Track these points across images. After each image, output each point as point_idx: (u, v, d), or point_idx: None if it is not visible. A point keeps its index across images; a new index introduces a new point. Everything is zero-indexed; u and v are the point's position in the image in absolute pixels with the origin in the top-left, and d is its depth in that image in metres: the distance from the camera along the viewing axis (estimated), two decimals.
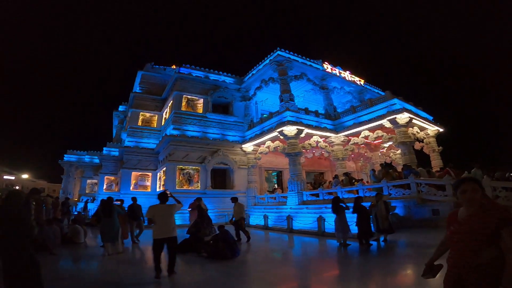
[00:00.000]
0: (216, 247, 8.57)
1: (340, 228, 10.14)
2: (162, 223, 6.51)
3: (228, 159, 22.10)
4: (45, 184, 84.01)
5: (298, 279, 6.51)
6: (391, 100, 18.15)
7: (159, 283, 6.00)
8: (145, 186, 24.23)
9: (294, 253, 10.08)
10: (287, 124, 18.41)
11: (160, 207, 6.70)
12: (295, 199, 17.78)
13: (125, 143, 25.40)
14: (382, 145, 22.88)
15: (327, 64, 24.45)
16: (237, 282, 6.23)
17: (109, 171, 28.18)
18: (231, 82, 25.44)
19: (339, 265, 7.91)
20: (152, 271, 6.37)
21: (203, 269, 7.34)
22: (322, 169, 26.37)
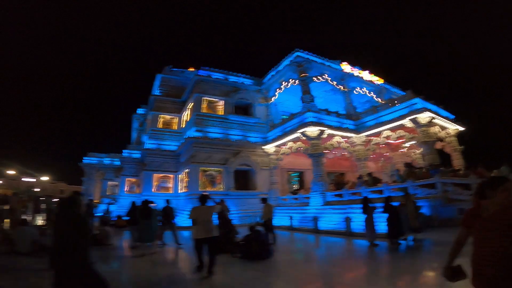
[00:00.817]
0: (249, 248, 8.75)
1: (370, 228, 10.38)
2: (202, 224, 6.81)
3: (250, 160, 22.42)
4: (65, 186, 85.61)
5: (333, 277, 6.65)
6: (412, 100, 18.22)
7: (200, 282, 6.22)
8: (166, 187, 24.70)
9: (325, 253, 10.25)
10: (309, 125, 18.70)
11: (201, 208, 7.02)
12: (319, 200, 17.98)
13: (146, 145, 25.93)
14: (402, 145, 22.87)
15: (346, 64, 24.67)
16: (277, 281, 6.47)
17: (130, 173, 28.74)
18: (251, 84, 25.85)
19: (372, 264, 8.06)
20: (189, 271, 6.95)
21: (240, 269, 7.51)
22: (342, 170, 26.56)
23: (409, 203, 10.79)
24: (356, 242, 11.26)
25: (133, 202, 11.79)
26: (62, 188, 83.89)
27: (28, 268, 7.21)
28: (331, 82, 23.33)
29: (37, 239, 8.72)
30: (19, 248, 8.37)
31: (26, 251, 8.30)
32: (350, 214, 13.88)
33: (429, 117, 17.58)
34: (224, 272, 6.94)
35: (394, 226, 10.11)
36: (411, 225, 10.33)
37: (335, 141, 20.73)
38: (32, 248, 8.40)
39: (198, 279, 6.37)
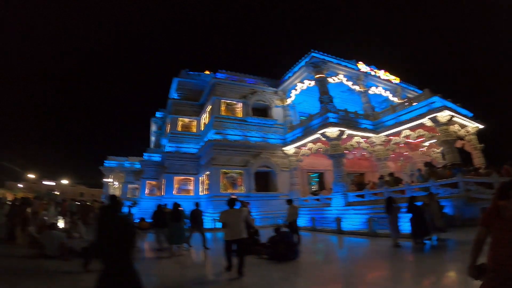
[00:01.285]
0: (276, 249, 8.94)
1: (394, 228, 10.59)
2: (233, 226, 7.15)
3: (271, 162, 22.67)
4: (84, 189, 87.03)
5: (359, 278, 6.82)
6: (430, 98, 18.29)
7: (230, 283, 6.47)
8: (187, 190, 25.12)
9: (350, 254, 10.44)
10: (329, 126, 18.89)
11: (230, 211, 7.37)
12: (341, 201, 18.16)
13: (166, 149, 26.43)
14: (422, 144, 22.92)
15: (361, 63, 24.83)
16: (306, 282, 6.75)
17: (150, 176, 29.26)
18: (268, 86, 26.20)
19: (397, 264, 8.25)
20: (217, 272, 7.25)
21: (268, 270, 7.77)
22: (362, 170, 26.67)
23: (433, 203, 10.98)
24: (380, 243, 11.39)
25: (159, 205, 12.10)
26: (82, 191, 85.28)
27: (60, 270, 7.44)
28: (347, 82, 23.53)
29: (65, 243, 8.88)
30: (47, 251, 8.53)
31: (54, 254, 8.47)
32: (372, 215, 14.07)
33: (449, 116, 17.58)
34: (253, 272, 7.13)
35: (418, 226, 10.27)
36: (435, 225, 10.52)
37: (355, 141, 20.94)
38: (60, 251, 8.58)
39: (227, 280, 6.64)
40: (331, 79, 22.57)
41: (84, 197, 71.14)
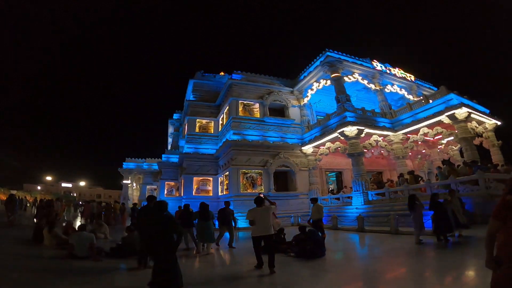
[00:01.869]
0: (303, 247, 9.21)
1: (417, 225, 10.82)
2: (261, 223, 7.55)
3: (289, 161, 22.97)
4: (101, 191, 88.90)
5: (387, 273, 7.10)
6: (447, 96, 18.43)
7: (261, 279, 6.74)
8: (207, 190, 25.56)
9: (375, 251, 10.60)
10: (348, 125, 19.13)
11: (257, 209, 7.78)
12: (361, 199, 18.47)
13: (185, 150, 26.95)
14: (440, 142, 23.07)
15: (376, 62, 25.05)
16: (336, 277, 6.96)
17: (169, 177, 29.81)
18: (283, 86, 26.55)
19: (423, 260, 8.41)
20: (247, 268, 7.55)
21: (297, 267, 7.97)
22: (380, 169, 26.83)
23: (455, 200, 11.30)
24: (402, 240, 11.57)
25: (186, 205, 12.41)
26: (99, 192, 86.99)
27: (96, 270, 7.68)
28: (363, 81, 23.75)
29: (94, 244, 9.04)
30: (76, 252, 8.65)
31: (83, 255, 8.63)
32: (393, 213, 14.24)
33: (466, 113, 17.63)
34: (282, 270, 7.38)
35: (441, 223, 10.46)
36: (457, 221, 10.82)
37: (373, 140, 21.20)
38: (90, 252, 8.74)
39: (258, 276, 6.94)
40: (347, 78, 22.77)
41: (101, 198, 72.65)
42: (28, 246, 10.94)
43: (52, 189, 78.34)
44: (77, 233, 9.24)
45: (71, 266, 7.82)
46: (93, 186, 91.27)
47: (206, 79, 31.09)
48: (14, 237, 12.99)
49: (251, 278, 6.85)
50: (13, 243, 11.47)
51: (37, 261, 8.43)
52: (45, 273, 7.05)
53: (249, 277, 6.94)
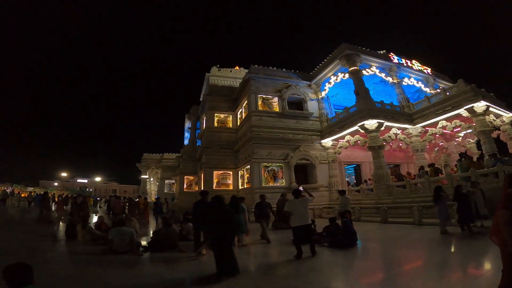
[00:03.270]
0: (335, 237, 9.83)
1: (443, 216, 11.43)
2: (299, 214, 8.27)
3: (309, 154, 23.55)
4: (116, 186, 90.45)
5: (416, 260, 7.77)
6: (466, 89, 18.87)
7: (300, 266, 7.27)
8: (227, 184, 26.29)
9: (403, 240, 10.91)
10: (368, 118, 19.74)
11: (296, 201, 8.53)
12: (383, 191, 19.05)
13: (203, 144, 27.83)
14: (457, 135, 23.54)
15: (392, 55, 25.46)
16: (370, 263, 7.74)
17: (188, 171, 30.61)
18: (301, 79, 27.04)
19: (450, 248, 9.17)
20: (286, 258, 8.07)
21: (332, 256, 8.60)
22: (397, 162, 27.38)
23: (477, 191, 11.94)
24: (427, 230, 12.07)
25: (232, 197, 12.82)
26: (114, 187, 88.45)
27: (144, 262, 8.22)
28: (380, 74, 24.13)
29: (134, 238, 9.27)
30: (116, 247, 8.85)
31: (124, 249, 8.81)
32: (415, 204, 14.72)
33: (485, 106, 18.05)
34: (319, 258, 8.02)
35: (465, 214, 11.07)
36: (479, 212, 11.47)
37: (392, 133, 21.79)
38: (129, 246, 8.94)
39: (298, 263, 7.52)
40: (365, 71, 23.20)
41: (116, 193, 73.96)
42: (63, 242, 11.40)
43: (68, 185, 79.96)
44: (117, 228, 9.49)
45: (121, 260, 8.14)
46: (108, 181, 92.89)
47: (223, 74, 31.84)
48: (46, 233, 13.61)
49: (291, 265, 7.45)
50: (48, 239, 12.00)
51: (81, 256, 8.73)
52: (96, 267, 7.35)
53: (289, 264, 7.55)
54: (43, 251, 9.26)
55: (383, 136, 21.30)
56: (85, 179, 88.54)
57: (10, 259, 7.07)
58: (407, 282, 5.77)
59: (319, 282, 5.92)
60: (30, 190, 50.19)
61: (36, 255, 8.58)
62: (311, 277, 6.27)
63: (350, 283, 6.07)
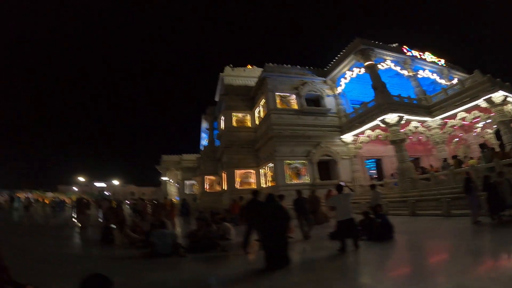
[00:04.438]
0: (371, 231, 10.16)
1: (474, 206, 11.88)
2: (342, 208, 8.67)
3: (331, 150, 24.09)
4: (134, 188, 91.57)
5: (453, 249, 8.09)
6: (482, 79, 19.20)
7: (347, 256, 7.78)
8: (249, 183, 26.86)
9: (436, 232, 11.30)
10: (388, 112, 20.16)
11: (339, 196, 8.98)
12: (407, 184, 19.45)
13: (223, 144, 28.41)
14: (475, 126, 23.88)
15: (405, 47, 25.89)
16: (409, 253, 8.29)
17: (208, 172, 31.29)
18: (316, 76, 27.56)
19: (482, 238, 9.56)
20: (330, 252, 8.32)
21: (373, 248, 8.91)
22: (417, 155, 27.78)
23: (505, 181, 12.49)
24: (458, 221, 12.44)
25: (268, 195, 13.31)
26: (132, 190, 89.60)
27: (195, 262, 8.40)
28: (395, 67, 24.57)
29: (176, 240, 9.32)
30: (159, 249, 8.82)
31: (167, 252, 8.80)
32: (441, 196, 15.25)
33: (503, 96, 18.37)
34: (363, 251, 8.34)
35: (495, 203, 11.45)
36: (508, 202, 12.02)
37: (412, 126, 22.20)
38: (173, 248, 8.95)
39: (342, 256, 7.82)
40: (380, 65, 23.68)
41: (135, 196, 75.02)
42: (101, 247, 11.39)
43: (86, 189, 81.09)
44: (160, 231, 9.53)
45: (168, 262, 8.20)
46: (126, 184, 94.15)
47: (237, 73, 32.36)
48: (80, 238, 13.98)
49: (337, 258, 7.78)
50: (85, 244, 12.31)
51: (126, 261, 8.72)
52: (147, 271, 7.29)
53: (335, 257, 7.87)
54: (86, 257, 9.47)
55: (404, 129, 21.72)
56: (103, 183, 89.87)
57: (54, 267, 7.49)
58: (455, 267, 6.15)
59: (373, 273, 6.49)
60: (54, 196, 51.14)
61: (81, 261, 8.68)
62: (365, 269, 6.92)
63: (409, 270, 6.55)
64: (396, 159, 21.51)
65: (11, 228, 18.19)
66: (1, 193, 60.39)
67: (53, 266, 7.56)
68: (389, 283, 5.64)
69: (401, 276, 6.13)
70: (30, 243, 11.62)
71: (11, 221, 22.30)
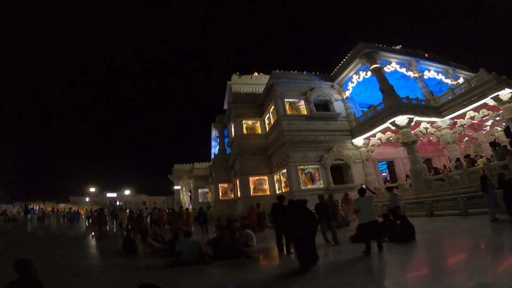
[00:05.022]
0: (393, 232, 10.48)
1: (491, 204, 12.22)
2: (366, 211, 8.95)
3: (343, 154, 24.49)
4: (146, 198, 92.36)
5: (473, 248, 8.40)
6: (488, 78, 19.50)
7: (373, 258, 8.04)
8: (263, 189, 27.27)
9: (457, 231, 11.64)
10: (398, 114, 20.50)
11: (362, 199, 9.29)
12: (421, 186, 19.74)
13: (236, 151, 28.85)
14: (485, 124, 24.11)
15: (409, 49, 26.46)
16: (436, 254, 8.32)
17: (221, 179, 31.77)
18: (323, 81, 28.01)
19: (501, 234, 9.98)
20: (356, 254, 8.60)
21: (396, 249, 9.14)
22: (428, 156, 28.01)
23: None
24: (476, 220, 12.83)
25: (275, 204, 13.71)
26: (144, 199, 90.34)
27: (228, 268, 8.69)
28: (401, 69, 24.83)
29: (202, 248, 9.40)
30: (185, 258, 8.91)
31: (193, 260, 8.88)
32: (460, 196, 15.49)
33: (510, 93, 18.60)
34: (387, 252, 8.62)
35: (510, 200, 11.84)
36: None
37: (423, 127, 22.59)
38: (199, 257, 9.06)
39: (367, 258, 8.11)
40: (386, 68, 24.02)
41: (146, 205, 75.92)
42: (124, 256, 11.46)
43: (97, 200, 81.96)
44: (185, 240, 9.70)
45: (196, 270, 8.36)
46: (137, 194, 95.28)
47: (244, 81, 32.85)
48: (101, 249, 14.06)
49: (362, 260, 8.09)
50: (108, 255, 12.27)
51: (154, 270, 8.87)
52: (180, 280, 7.43)
53: (359, 259, 8.20)
54: (112, 267, 9.52)
55: (414, 131, 22.09)
56: (114, 193, 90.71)
57: (82, 278, 7.87)
58: (479, 262, 6.64)
59: (401, 273, 6.81)
60: (66, 207, 51.62)
61: (107, 272, 8.82)
62: (392, 270, 7.30)
63: (435, 269, 6.73)
64: (408, 160, 21.90)
65: (30, 240, 18.54)
66: (14, 204, 60.90)
67: (81, 277, 7.92)
68: (417, 281, 5.98)
69: (429, 275, 6.36)
70: (54, 255, 11.77)
71: (27, 233, 22.75)
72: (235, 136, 29.98)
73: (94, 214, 29.20)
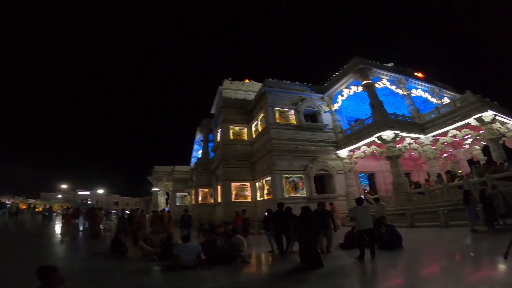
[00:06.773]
0: (381, 240, 10.99)
1: (472, 217, 13.20)
2: (363, 219, 9.53)
3: (327, 165, 25.20)
4: (118, 198, 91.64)
5: (458, 252, 9.55)
6: (473, 99, 20.63)
7: (367, 264, 8.65)
8: (245, 195, 27.70)
9: (439, 240, 12.53)
10: (385, 129, 21.47)
11: (359, 208, 9.92)
12: (403, 198, 20.65)
13: (220, 156, 29.26)
14: (464, 142, 25.20)
15: (400, 67, 27.64)
16: (424, 259, 9.34)
17: (202, 184, 32.12)
18: (314, 92, 28.94)
19: (483, 243, 11.05)
20: (351, 261, 9.19)
21: (386, 256, 9.77)
22: (407, 170, 28.43)
23: (498, 194, 13.91)
24: (456, 231, 13.91)
25: (269, 210, 13.93)
26: (116, 200, 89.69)
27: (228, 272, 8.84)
28: (390, 86, 25.96)
29: (200, 253, 9.30)
30: (183, 262, 8.88)
31: (191, 264, 8.88)
32: (440, 209, 16.38)
33: (492, 115, 19.87)
34: (379, 258, 9.23)
35: (490, 214, 13.02)
36: (500, 212, 13.46)
37: (406, 142, 23.54)
38: (197, 261, 9.01)
39: (360, 263, 8.71)
40: (377, 84, 25.04)
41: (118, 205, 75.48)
42: (116, 259, 11.07)
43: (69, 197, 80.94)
44: (182, 244, 9.64)
45: (196, 274, 8.40)
46: (110, 194, 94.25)
47: (235, 87, 33.52)
48: (87, 250, 13.98)
49: (355, 265, 8.73)
50: (97, 257, 11.67)
51: (153, 274, 9.02)
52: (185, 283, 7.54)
53: (353, 264, 8.86)
54: (105, 271, 9.13)
55: (399, 145, 23.01)
56: (87, 191, 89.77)
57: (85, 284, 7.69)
58: (465, 267, 7.54)
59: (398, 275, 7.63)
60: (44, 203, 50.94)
61: (102, 275, 8.54)
62: (390, 272, 8.07)
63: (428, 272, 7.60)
64: (388, 174, 22.86)
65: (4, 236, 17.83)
66: None
67: (79, 281, 7.44)
68: (418, 281, 6.67)
69: (424, 277, 7.13)
70: (38, 254, 11.37)
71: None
72: (220, 141, 30.43)
73: (69, 212, 29.10)
